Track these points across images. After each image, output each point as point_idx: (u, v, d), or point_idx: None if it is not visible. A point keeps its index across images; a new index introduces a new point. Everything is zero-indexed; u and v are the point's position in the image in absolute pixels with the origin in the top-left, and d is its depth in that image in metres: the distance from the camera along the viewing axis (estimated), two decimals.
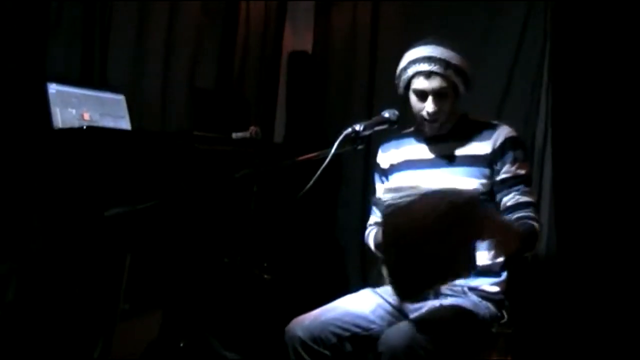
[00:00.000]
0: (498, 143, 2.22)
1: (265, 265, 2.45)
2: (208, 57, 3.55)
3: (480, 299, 2.19)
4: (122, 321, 2.67)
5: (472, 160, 2.24)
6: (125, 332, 2.69)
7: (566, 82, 2.71)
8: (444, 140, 2.29)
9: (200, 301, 2.89)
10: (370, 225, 2.41)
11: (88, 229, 2.51)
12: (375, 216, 2.39)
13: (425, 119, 2.24)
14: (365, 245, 2.44)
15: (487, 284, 2.21)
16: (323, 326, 2.13)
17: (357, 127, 2.20)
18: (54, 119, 2.76)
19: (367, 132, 2.24)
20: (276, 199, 2.52)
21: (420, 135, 2.33)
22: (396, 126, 2.27)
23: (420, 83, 2.19)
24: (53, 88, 2.81)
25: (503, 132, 2.24)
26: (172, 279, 2.83)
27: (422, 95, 2.21)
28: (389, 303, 2.24)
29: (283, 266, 2.72)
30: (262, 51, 3.70)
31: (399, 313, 2.21)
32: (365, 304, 2.23)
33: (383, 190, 2.13)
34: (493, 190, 2.22)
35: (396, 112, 2.27)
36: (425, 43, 2.22)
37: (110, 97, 3.00)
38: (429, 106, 2.19)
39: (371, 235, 2.37)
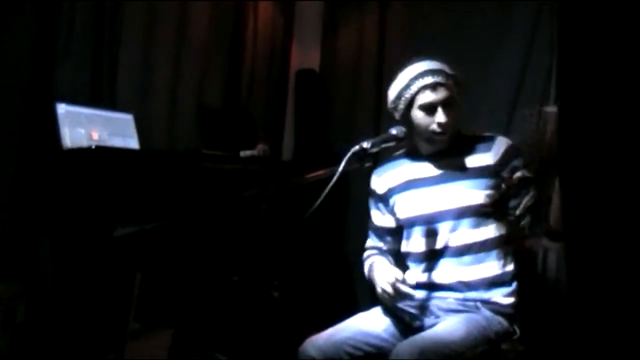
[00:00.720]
0: (500, 153, 2.24)
1: (275, 283, 2.43)
2: (215, 75, 3.57)
3: (492, 314, 2.17)
4: (132, 340, 2.66)
5: (477, 173, 2.23)
6: (135, 351, 2.69)
7: (574, 93, 2.64)
8: (444, 156, 2.28)
9: (210, 320, 2.88)
10: (367, 249, 2.41)
11: (97, 248, 2.50)
12: (372, 240, 2.40)
13: (436, 133, 2.22)
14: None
15: (500, 295, 2.20)
16: (337, 346, 2.13)
17: (365, 145, 2.17)
18: (63, 138, 2.78)
19: (374, 149, 2.20)
20: (285, 217, 2.50)
21: (416, 155, 2.32)
22: (403, 143, 2.27)
23: (427, 96, 2.19)
24: (62, 108, 2.83)
25: (502, 142, 2.26)
26: (182, 298, 2.83)
27: (431, 108, 2.20)
28: (401, 320, 2.24)
29: (292, 284, 2.73)
30: (270, 69, 3.72)
31: (411, 330, 2.20)
32: (377, 323, 2.23)
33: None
34: (501, 199, 2.24)
35: (403, 129, 2.25)
36: (419, 60, 2.24)
37: (118, 116, 3.02)
38: (440, 117, 2.19)
39: (366, 264, 2.36)
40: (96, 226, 2.55)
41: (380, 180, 2.37)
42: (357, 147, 2.16)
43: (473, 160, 2.26)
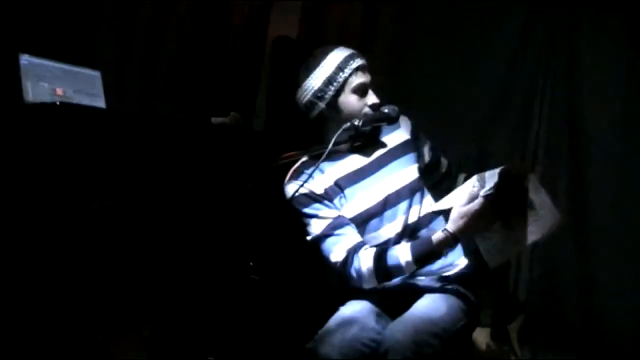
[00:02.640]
0: (410, 127, 2.30)
1: (251, 264, 2.36)
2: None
3: (460, 287, 2.20)
4: (107, 342, 2.52)
5: (402, 150, 2.25)
6: (111, 353, 2.55)
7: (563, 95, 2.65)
8: (366, 143, 2.25)
9: (189, 315, 2.74)
10: (355, 248, 2.15)
11: (61, 213, 2.34)
12: (352, 238, 2.16)
13: (364, 117, 2.19)
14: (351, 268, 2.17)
15: (461, 263, 2.24)
16: (351, 345, 2.06)
17: (356, 122, 2.16)
18: (25, 92, 2.60)
19: (366, 128, 2.20)
20: (268, 196, 2.37)
21: (340, 151, 2.23)
22: (400, 128, 2.27)
23: (360, 78, 2.17)
24: (25, 59, 2.63)
25: (405, 118, 2.30)
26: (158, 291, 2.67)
27: (364, 90, 2.18)
28: (384, 306, 2.20)
29: (273, 267, 2.63)
30: (246, 36, 3.55)
31: (389, 314, 2.18)
32: (369, 317, 2.16)
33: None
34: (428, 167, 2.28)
35: (396, 109, 2.21)
36: (333, 47, 2.22)
37: (85, 73, 2.83)
38: (373, 98, 2.18)
39: (380, 256, 2.15)
40: (59, 191, 2.37)
41: (315, 183, 2.19)
42: (347, 124, 2.14)
43: (393, 140, 2.25)
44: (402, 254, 2.06)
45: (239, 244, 2.59)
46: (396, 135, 2.29)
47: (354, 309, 2.16)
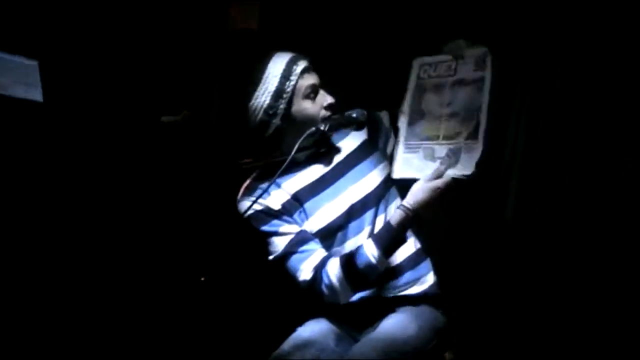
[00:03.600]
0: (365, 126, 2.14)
1: (198, 266, 2.23)
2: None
3: (429, 307, 2.08)
4: None
5: (362, 153, 2.13)
6: None
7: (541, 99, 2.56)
8: (322, 151, 2.11)
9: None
10: (319, 265, 1.99)
11: None
12: (315, 253, 2.01)
13: (327, 116, 2.05)
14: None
15: (426, 274, 2.11)
16: None
17: (322, 127, 2.03)
18: None
19: (332, 133, 2.08)
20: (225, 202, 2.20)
21: (297, 161, 2.07)
22: (365, 128, 2.11)
23: (308, 79, 2.03)
24: None
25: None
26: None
27: (315, 92, 2.05)
28: (346, 326, 2.08)
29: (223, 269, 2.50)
30: (203, 28, 3.32)
31: (352, 335, 2.07)
32: (329, 338, 2.03)
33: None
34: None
35: (365, 112, 2.07)
36: (273, 54, 2.08)
37: (21, 61, 2.57)
38: (328, 98, 2.05)
39: (341, 261, 2.00)
40: None
41: (271, 200, 2.04)
42: (312, 129, 2.01)
43: (350, 144, 2.13)
44: (367, 250, 1.92)
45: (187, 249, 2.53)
46: (352, 138, 2.16)
47: (312, 329, 2.03)
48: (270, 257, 2.02)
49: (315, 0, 2.96)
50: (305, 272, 1.97)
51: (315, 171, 2.09)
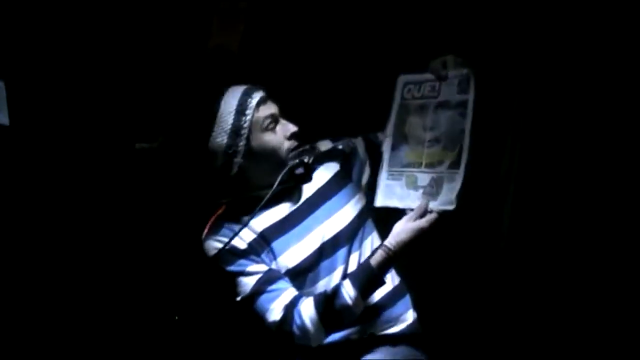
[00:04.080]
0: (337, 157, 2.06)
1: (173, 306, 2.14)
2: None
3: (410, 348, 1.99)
4: None
5: (334, 185, 2.01)
6: None
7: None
8: (290, 187, 1.98)
9: None
10: (289, 304, 1.89)
11: None
12: (284, 292, 1.90)
13: (291, 148, 1.93)
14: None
15: (405, 311, 2.01)
16: None
17: (306, 159, 1.91)
18: None
19: (315, 167, 1.97)
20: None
21: (254, 203, 1.93)
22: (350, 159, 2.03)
23: (265, 111, 1.92)
24: None
25: (328, 144, 2.06)
26: None
27: (275, 121, 1.94)
28: None
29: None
30: (183, 47, 3.21)
31: None
32: None
33: None
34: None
35: (351, 144, 1.99)
36: (226, 90, 1.97)
37: None
38: (289, 127, 1.94)
39: (314, 301, 1.89)
40: None
41: (235, 240, 1.92)
42: (296, 161, 1.90)
43: (321, 176, 2.01)
44: (344, 290, 1.83)
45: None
46: (324, 170, 2.04)
47: None
48: (238, 298, 1.92)
49: (297, 22, 2.89)
50: (275, 312, 1.87)
51: (284, 208, 1.98)
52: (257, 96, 1.92)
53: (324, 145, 2.04)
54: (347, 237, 1.95)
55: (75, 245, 2.53)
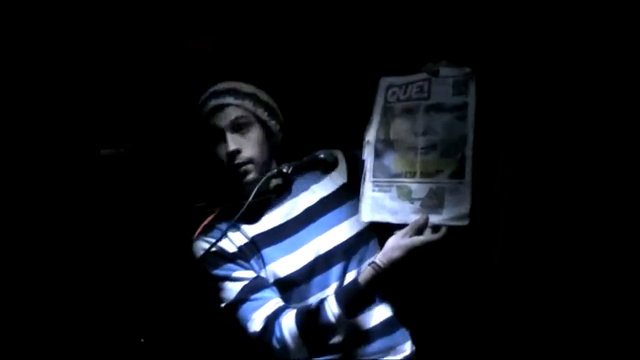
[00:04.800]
0: (346, 167, 1.97)
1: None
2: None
3: None
4: None
5: (337, 199, 1.92)
6: None
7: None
8: (287, 197, 1.93)
9: None
10: (274, 313, 1.82)
11: None
12: (267, 300, 1.83)
13: (234, 169, 1.85)
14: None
15: (402, 343, 1.91)
16: None
17: (284, 169, 1.83)
18: None
19: (295, 177, 1.90)
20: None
21: (250, 207, 1.83)
22: (334, 171, 1.92)
23: (210, 121, 1.87)
24: None
25: (339, 154, 1.97)
26: None
27: (217, 136, 1.86)
28: None
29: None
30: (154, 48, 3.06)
31: None
32: None
33: None
34: None
35: (334, 153, 1.87)
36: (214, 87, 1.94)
37: None
38: (229, 144, 1.84)
39: (294, 317, 1.81)
40: None
41: (224, 242, 1.86)
42: (274, 172, 1.82)
43: (324, 187, 1.94)
44: (327, 306, 1.74)
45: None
46: (329, 181, 1.95)
47: None
48: (222, 305, 1.84)
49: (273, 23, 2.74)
50: (256, 323, 1.79)
51: (279, 215, 1.89)
52: (210, 105, 1.87)
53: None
54: (344, 254, 1.85)
55: (36, 254, 2.43)
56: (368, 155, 1.74)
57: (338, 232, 1.87)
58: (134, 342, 2.11)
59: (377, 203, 1.70)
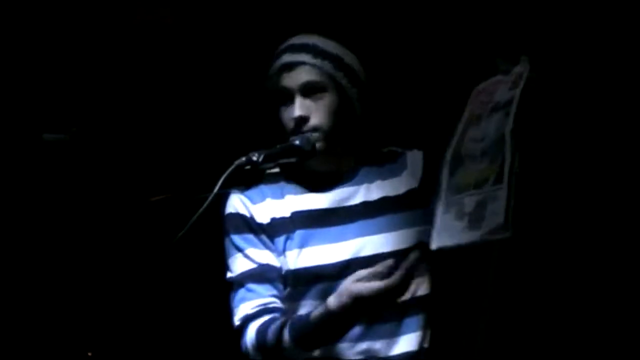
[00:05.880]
0: (421, 172, 1.80)
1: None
2: None
3: None
4: None
5: (399, 203, 1.77)
6: None
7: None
8: (345, 180, 1.77)
9: None
10: (253, 315, 1.73)
11: None
12: (257, 294, 1.74)
13: (294, 134, 1.71)
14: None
15: None
16: None
17: (255, 157, 1.66)
18: None
19: (268, 165, 1.71)
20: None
21: (307, 178, 1.78)
22: (313, 159, 1.73)
23: (280, 81, 1.73)
24: None
25: (417, 156, 1.82)
26: None
27: (285, 97, 1.72)
28: None
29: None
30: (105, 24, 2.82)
31: None
32: None
33: None
34: None
35: (311, 139, 1.69)
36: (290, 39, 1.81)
37: None
38: (295, 109, 1.70)
39: (263, 333, 1.70)
40: None
41: (260, 207, 1.75)
42: (242, 160, 1.65)
43: (388, 186, 1.79)
44: (283, 331, 1.65)
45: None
46: (397, 181, 1.78)
47: None
48: (227, 276, 1.76)
49: None
50: (237, 316, 1.73)
51: (332, 199, 1.75)
52: (283, 59, 1.73)
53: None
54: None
55: None
56: (444, 174, 1.57)
57: (389, 239, 1.73)
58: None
59: (444, 226, 1.53)
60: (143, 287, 2.46)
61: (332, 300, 1.58)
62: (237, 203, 1.75)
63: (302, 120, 1.68)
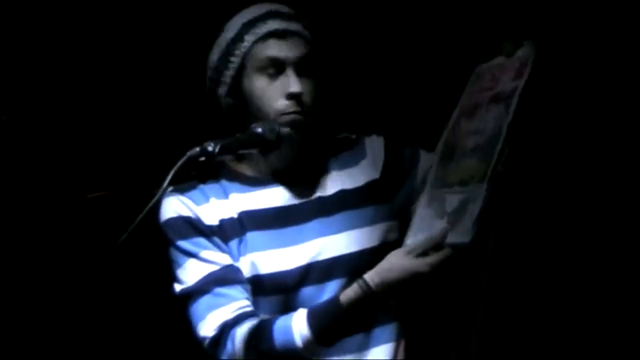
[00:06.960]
0: (383, 161, 1.65)
1: None
2: None
3: None
4: None
5: (359, 197, 1.62)
6: None
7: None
8: (303, 172, 1.62)
9: None
10: (234, 319, 1.53)
11: None
12: (228, 298, 1.54)
13: (287, 115, 1.53)
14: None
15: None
16: None
17: (210, 148, 1.46)
18: None
19: (224, 157, 1.50)
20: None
21: (254, 173, 1.62)
22: (276, 150, 1.54)
23: (270, 48, 1.54)
24: None
25: (375, 144, 1.68)
26: None
27: (277, 69, 1.54)
28: None
29: None
30: None
31: None
32: None
33: None
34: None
35: (276, 127, 1.51)
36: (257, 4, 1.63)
37: None
38: (293, 85, 1.52)
39: (250, 332, 1.52)
40: None
41: (206, 208, 1.58)
42: (196, 151, 1.45)
43: (348, 177, 1.64)
44: (296, 323, 1.46)
45: None
46: (360, 171, 1.63)
47: None
48: (177, 289, 1.55)
49: None
50: (209, 325, 1.51)
51: (282, 196, 1.59)
52: (271, 25, 1.55)
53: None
54: (349, 268, 1.56)
55: None
56: (434, 165, 1.48)
57: (350, 239, 1.58)
58: None
59: (421, 221, 1.44)
60: (78, 293, 2.30)
61: (373, 279, 1.42)
62: (177, 206, 1.57)
63: (298, 99, 1.51)
